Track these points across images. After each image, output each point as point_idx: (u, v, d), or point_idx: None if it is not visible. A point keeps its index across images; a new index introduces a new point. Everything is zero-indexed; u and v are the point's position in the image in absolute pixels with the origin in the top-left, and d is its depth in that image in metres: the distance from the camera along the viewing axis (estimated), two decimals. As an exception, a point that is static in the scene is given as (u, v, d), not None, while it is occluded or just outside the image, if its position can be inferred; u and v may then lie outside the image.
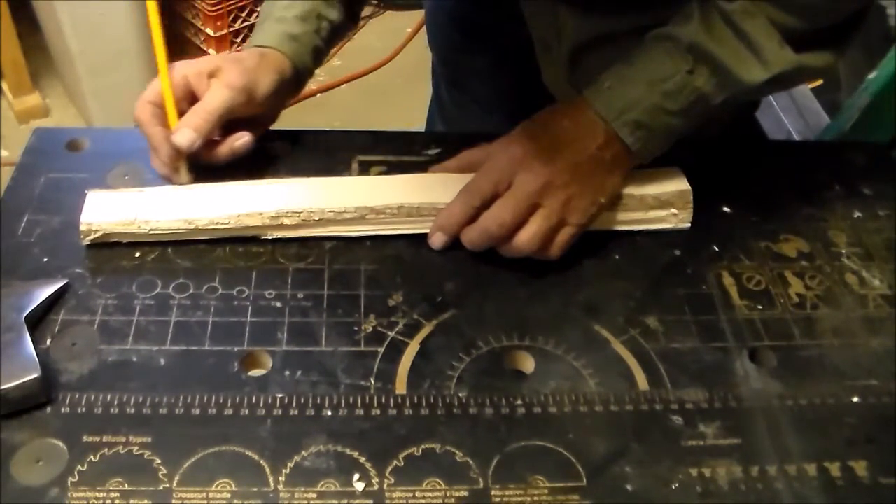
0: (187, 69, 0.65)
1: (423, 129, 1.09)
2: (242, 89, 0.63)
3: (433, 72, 1.02)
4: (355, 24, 0.76)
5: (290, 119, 0.74)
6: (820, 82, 1.27)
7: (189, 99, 0.65)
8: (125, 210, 0.61)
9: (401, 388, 0.54)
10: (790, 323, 0.60)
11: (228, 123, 0.64)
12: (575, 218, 0.60)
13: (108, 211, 0.61)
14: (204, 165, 0.65)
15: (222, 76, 0.64)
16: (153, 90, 0.64)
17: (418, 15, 1.22)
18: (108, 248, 0.61)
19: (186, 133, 0.62)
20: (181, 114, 0.63)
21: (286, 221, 0.62)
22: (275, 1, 0.70)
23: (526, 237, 0.59)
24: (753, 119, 1.05)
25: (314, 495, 0.48)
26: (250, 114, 0.65)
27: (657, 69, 0.59)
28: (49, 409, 0.51)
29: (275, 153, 0.70)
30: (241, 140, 0.65)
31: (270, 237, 0.63)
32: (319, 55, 0.71)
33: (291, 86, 0.69)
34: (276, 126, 0.71)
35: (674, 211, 0.65)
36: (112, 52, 1.71)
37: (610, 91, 0.60)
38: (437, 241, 0.62)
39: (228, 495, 0.48)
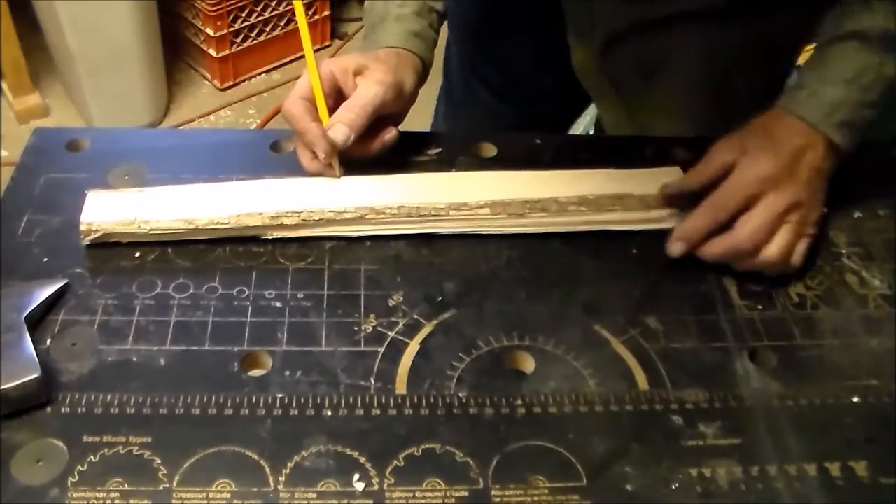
0: (333, 66, 0.66)
1: (424, 130, 1.08)
2: (392, 85, 0.65)
3: (447, 53, 1.01)
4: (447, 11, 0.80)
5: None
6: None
7: (334, 95, 0.66)
8: (125, 210, 0.61)
9: (401, 388, 0.54)
10: (790, 323, 0.60)
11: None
12: (811, 229, 0.62)
13: (108, 211, 0.61)
14: (348, 160, 0.66)
15: (370, 73, 0.65)
16: (303, 86, 0.65)
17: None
18: (108, 248, 0.61)
19: (342, 129, 0.63)
20: (329, 110, 0.64)
21: (286, 221, 0.62)
22: (386, 1, 0.71)
23: (776, 251, 0.60)
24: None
25: (314, 495, 0.48)
26: (394, 110, 0.67)
27: (852, 68, 0.61)
28: (49, 409, 0.51)
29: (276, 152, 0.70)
30: (390, 134, 0.67)
31: (270, 237, 0.63)
32: (434, 46, 0.73)
33: (422, 81, 0.71)
34: (276, 125, 0.71)
35: (674, 211, 0.65)
36: (112, 52, 1.71)
37: (813, 97, 0.62)
38: (676, 249, 0.62)
39: (228, 495, 0.48)
